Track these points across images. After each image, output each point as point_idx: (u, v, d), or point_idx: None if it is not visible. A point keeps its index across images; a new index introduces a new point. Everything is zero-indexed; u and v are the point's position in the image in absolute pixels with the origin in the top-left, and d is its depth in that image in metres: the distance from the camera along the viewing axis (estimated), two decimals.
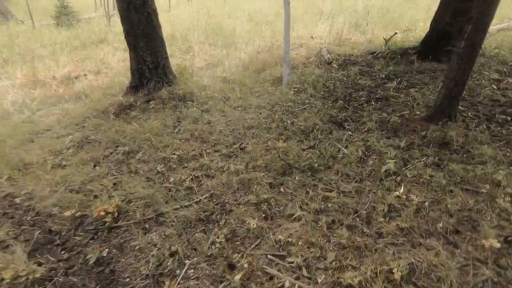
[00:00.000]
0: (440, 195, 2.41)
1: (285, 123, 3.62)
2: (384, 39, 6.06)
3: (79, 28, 10.21)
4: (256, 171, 2.83)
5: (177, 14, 12.28)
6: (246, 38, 8.26)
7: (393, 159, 2.80)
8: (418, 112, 3.62)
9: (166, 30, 9.42)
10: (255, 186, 2.62)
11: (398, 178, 2.59)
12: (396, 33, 6.41)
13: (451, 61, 3.32)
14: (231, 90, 4.74)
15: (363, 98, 4.14)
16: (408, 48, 5.79)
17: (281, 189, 2.60)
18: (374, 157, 2.92)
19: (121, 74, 5.79)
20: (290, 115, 3.85)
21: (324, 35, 7.97)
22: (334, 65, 5.64)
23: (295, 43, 7.74)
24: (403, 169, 2.71)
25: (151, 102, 4.20)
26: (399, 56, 5.58)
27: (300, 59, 6.35)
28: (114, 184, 2.82)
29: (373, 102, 4.03)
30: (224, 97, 4.50)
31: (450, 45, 5.05)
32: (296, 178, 2.69)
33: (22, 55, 7.63)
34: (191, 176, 2.84)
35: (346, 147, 3.08)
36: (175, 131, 3.65)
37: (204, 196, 2.57)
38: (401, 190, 2.46)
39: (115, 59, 6.99)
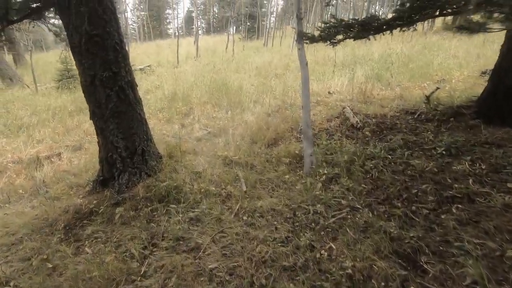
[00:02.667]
0: None
1: (319, 258, 2.16)
2: (427, 96, 4.75)
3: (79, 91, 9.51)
4: None
5: (183, 71, 11.64)
6: (254, 95, 7.18)
7: None
8: None
9: (168, 88, 8.57)
10: None
11: None
12: (437, 88, 5.10)
13: None
14: (234, 180, 3.40)
15: (430, 198, 2.67)
16: (460, 107, 4.43)
17: None
18: None
19: None
20: (323, 234, 2.40)
21: (343, 90, 6.79)
22: (367, 132, 4.29)
23: (310, 101, 6.56)
24: None
25: (118, 209, 2.86)
26: (451, 119, 4.20)
27: (320, 122, 5.06)
28: None
29: (451, 207, 2.54)
30: (224, 193, 3.14)
31: None
32: None
33: (7, 125, 6.71)
34: None
35: None
36: (141, 273, 2.23)
37: None
38: None
39: None
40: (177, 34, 16.72)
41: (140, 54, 18.46)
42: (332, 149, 3.83)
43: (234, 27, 23.55)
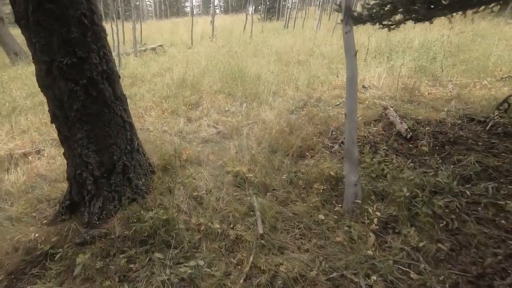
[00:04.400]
0: None
1: None
2: (508, 103, 3.56)
3: None
4: None
5: (196, 52, 10.55)
6: (274, 85, 6.10)
7: None
8: None
9: (178, 72, 7.57)
10: None
11: None
12: None
13: None
14: (247, 212, 2.45)
15: None
16: None
17: None
18: None
19: None
20: None
21: (381, 84, 5.61)
22: (423, 147, 3.21)
23: (340, 96, 5.45)
24: None
25: (81, 257, 1.98)
26: None
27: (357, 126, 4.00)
28: None
29: None
30: (232, 235, 2.21)
31: None
32: None
33: None
34: None
35: None
36: None
37: None
38: None
39: None
40: (192, 11, 15.48)
41: (153, 32, 17.38)
42: (380, 171, 2.79)
43: (253, 7, 21.92)
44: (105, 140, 2.25)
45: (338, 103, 5.06)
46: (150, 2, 40.02)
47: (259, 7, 25.16)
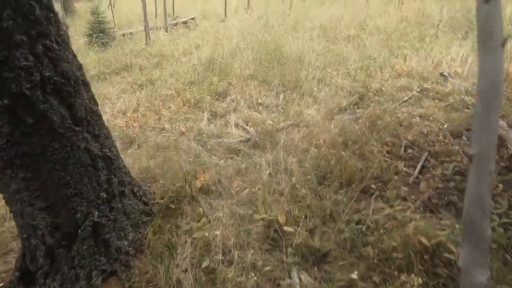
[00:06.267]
0: None
1: None
2: None
3: (113, 48, 7.91)
4: None
5: (229, 26, 9.33)
6: (319, 69, 4.84)
7: None
8: None
9: (207, 51, 6.53)
10: None
11: None
12: None
13: None
14: None
15: None
16: None
17: None
18: None
19: None
20: None
21: (466, 72, 4.11)
22: None
23: (409, 87, 4.06)
24: None
25: None
26: None
27: (438, 138, 2.76)
28: None
29: None
30: None
31: None
32: None
33: None
34: None
35: None
36: None
37: None
38: None
39: (114, 107, 4.25)
40: None
41: (187, 2, 16.21)
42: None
43: None
44: (59, 190, 1.36)
45: (406, 98, 3.74)
46: None
47: None
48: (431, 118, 3.17)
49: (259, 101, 4.16)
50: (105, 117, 3.94)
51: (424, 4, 7.90)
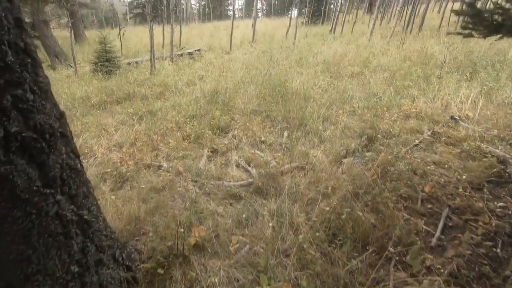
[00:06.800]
0: None
1: None
2: None
3: (117, 77, 7.91)
4: None
5: (234, 59, 9.45)
6: (324, 106, 4.70)
7: None
8: None
9: (211, 82, 6.47)
10: None
11: None
12: None
13: None
14: None
15: None
16: None
17: None
18: None
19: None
20: None
21: (477, 115, 3.95)
22: None
23: (419, 130, 3.88)
24: None
25: None
26: None
27: (455, 196, 2.50)
28: None
29: None
30: None
31: None
32: None
33: None
34: None
35: None
36: None
37: None
38: None
39: (111, 140, 4.04)
40: (233, 15, 14.48)
41: (194, 35, 16.76)
42: None
43: (297, 10, 20.39)
44: (17, 269, 1.09)
45: (417, 141, 3.54)
46: (195, 6, 40.22)
47: (303, 10, 23.58)
48: (446, 166, 2.94)
49: (262, 138, 3.96)
50: (99, 151, 3.76)
51: (426, 44, 8.01)
